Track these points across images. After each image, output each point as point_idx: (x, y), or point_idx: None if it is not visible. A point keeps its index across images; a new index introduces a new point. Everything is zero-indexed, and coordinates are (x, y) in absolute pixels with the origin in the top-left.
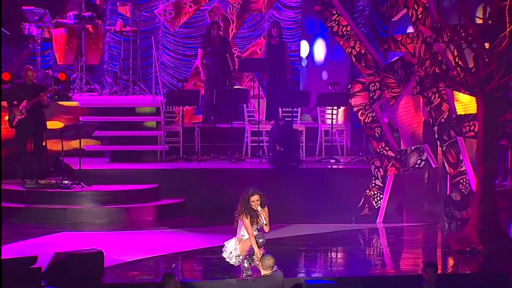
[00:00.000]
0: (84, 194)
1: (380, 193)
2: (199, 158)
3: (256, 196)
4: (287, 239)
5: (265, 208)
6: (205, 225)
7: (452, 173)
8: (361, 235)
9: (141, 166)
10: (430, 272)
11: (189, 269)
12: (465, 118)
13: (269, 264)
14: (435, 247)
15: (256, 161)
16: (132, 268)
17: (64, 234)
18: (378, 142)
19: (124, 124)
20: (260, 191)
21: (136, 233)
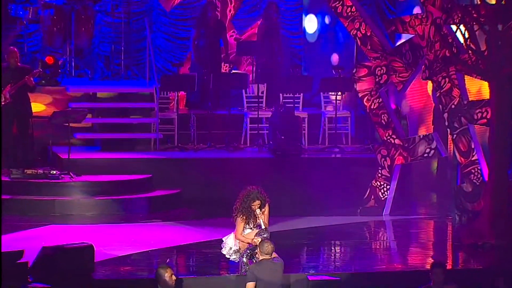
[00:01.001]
0: (73, 185)
1: (387, 183)
2: (195, 147)
3: (257, 202)
4: (288, 233)
5: (265, 209)
6: (201, 217)
7: (463, 162)
8: (367, 228)
9: (134, 155)
10: (437, 273)
11: (184, 264)
12: (477, 104)
13: (268, 251)
14: (445, 241)
15: (256, 150)
16: (124, 263)
17: (52, 227)
18: (384, 129)
19: (115, 111)
20: (261, 194)
21: (128, 226)
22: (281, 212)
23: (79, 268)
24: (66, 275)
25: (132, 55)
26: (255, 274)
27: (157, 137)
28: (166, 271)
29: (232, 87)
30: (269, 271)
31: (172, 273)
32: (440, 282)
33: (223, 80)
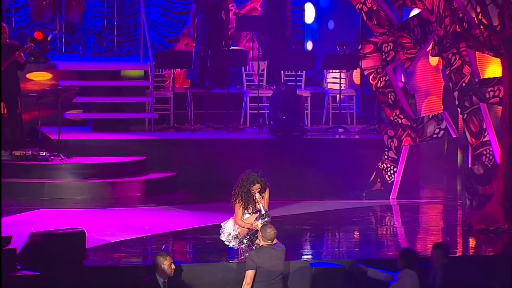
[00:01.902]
0: (63, 167)
1: (394, 166)
2: (192, 127)
3: (257, 185)
4: (290, 218)
5: (265, 194)
6: (198, 201)
7: (474, 143)
8: (373, 213)
9: (127, 136)
10: (437, 255)
11: (181, 251)
12: (489, 82)
13: (271, 236)
14: (455, 226)
15: (256, 130)
16: (118, 250)
17: (42, 211)
18: (391, 109)
19: (108, 89)
20: (261, 177)
21: (122, 211)
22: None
23: (70, 254)
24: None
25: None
26: (255, 261)
27: (152, 117)
28: (165, 259)
29: (231, 64)
30: (270, 258)
31: (171, 262)
32: (439, 265)
33: (221, 57)
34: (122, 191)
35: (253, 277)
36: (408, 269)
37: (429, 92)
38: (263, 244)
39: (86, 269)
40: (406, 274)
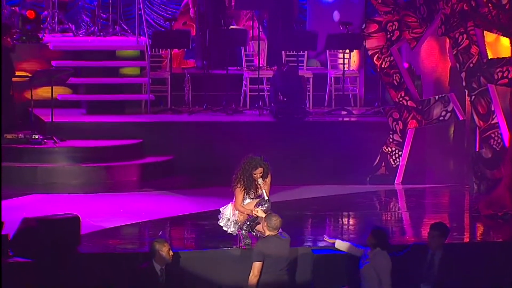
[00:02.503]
0: (57, 150)
1: (399, 149)
2: (189, 110)
3: (259, 169)
4: (291, 203)
5: (267, 179)
6: (196, 186)
7: (482, 126)
8: (377, 197)
9: (123, 118)
10: (433, 236)
11: (179, 237)
12: (498, 63)
13: (276, 225)
14: (462, 212)
15: (256, 112)
16: (113, 236)
17: (34, 196)
18: (396, 90)
19: (103, 70)
20: (264, 161)
21: (117, 196)
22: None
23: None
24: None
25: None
26: (263, 252)
27: (149, 98)
28: (163, 245)
29: (231, 44)
30: (276, 248)
31: (169, 248)
32: (437, 247)
33: (220, 37)
34: (118, 175)
35: (260, 269)
36: (380, 249)
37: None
38: (269, 234)
39: (81, 256)
40: (378, 255)
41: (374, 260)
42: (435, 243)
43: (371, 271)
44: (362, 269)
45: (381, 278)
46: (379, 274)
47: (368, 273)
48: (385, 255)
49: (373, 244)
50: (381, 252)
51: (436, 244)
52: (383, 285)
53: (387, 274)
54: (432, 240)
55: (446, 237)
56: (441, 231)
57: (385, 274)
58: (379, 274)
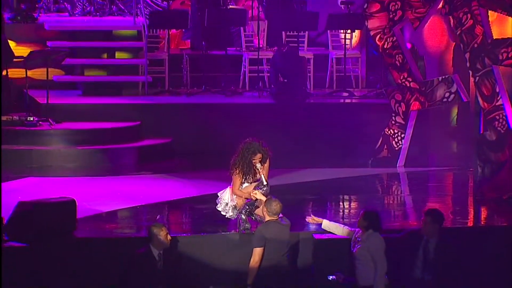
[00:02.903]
0: (52, 132)
1: (402, 132)
2: (188, 91)
3: (258, 155)
4: (292, 187)
5: (266, 164)
6: (195, 169)
7: (486, 108)
8: (379, 181)
9: (120, 100)
10: (426, 222)
11: (177, 222)
12: (502, 43)
13: (276, 210)
14: (466, 195)
15: (255, 94)
16: (110, 220)
17: (30, 179)
18: (399, 72)
19: (99, 51)
20: (262, 146)
21: (114, 179)
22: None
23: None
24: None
25: None
26: (265, 237)
27: (146, 80)
28: (161, 230)
29: (229, 24)
30: (276, 234)
31: (167, 233)
32: (432, 233)
33: (219, 17)
34: (115, 158)
35: (261, 255)
36: (372, 231)
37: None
38: (269, 219)
39: (77, 240)
40: (371, 236)
41: (368, 242)
42: (428, 230)
43: (365, 253)
44: (356, 252)
45: (376, 260)
46: (374, 256)
47: (362, 255)
48: (378, 236)
49: (365, 226)
50: (373, 233)
51: (429, 231)
52: (378, 267)
53: (381, 256)
54: (425, 227)
55: (440, 224)
56: (434, 217)
57: (380, 255)
58: (373, 256)
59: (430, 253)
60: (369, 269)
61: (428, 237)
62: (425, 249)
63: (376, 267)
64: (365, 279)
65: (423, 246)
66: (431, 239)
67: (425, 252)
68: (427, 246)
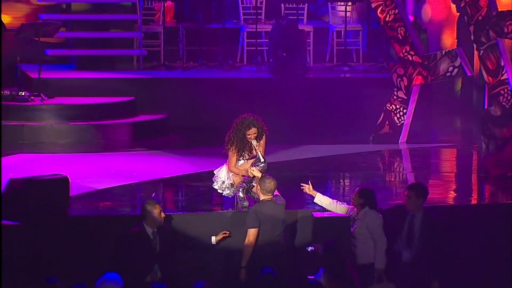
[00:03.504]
0: (45, 108)
1: (404, 107)
2: (184, 65)
3: (253, 129)
4: (290, 163)
5: (262, 141)
6: (191, 146)
7: (491, 82)
8: (380, 158)
9: (114, 74)
10: (409, 196)
11: (172, 199)
12: (508, 16)
13: (270, 188)
14: (470, 172)
15: (254, 68)
16: (104, 198)
17: (21, 156)
18: (401, 45)
19: (93, 24)
20: (258, 121)
21: (108, 156)
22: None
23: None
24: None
25: None
26: (259, 217)
27: (141, 54)
28: (154, 207)
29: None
30: (271, 213)
31: (161, 210)
32: (413, 208)
33: None
34: (109, 134)
35: (256, 235)
36: (369, 208)
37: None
38: (263, 198)
39: (70, 218)
40: (367, 213)
41: (365, 220)
42: (412, 204)
43: (364, 231)
44: (354, 231)
45: (375, 238)
46: (372, 234)
47: (360, 234)
48: (374, 213)
49: (361, 204)
50: (370, 211)
51: (413, 206)
52: (377, 244)
53: (380, 233)
54: (409, 201)
55: (423, 199)
56: (417, 191)
57: (378, 232)
58: (372, 233)
59: (415, 229)
60: (368, 247)
61: (413, 212)
62: (410, 225)
63: (375, 244)
64: (365, 257)
65: (409, 221)
66: (416, 214)
67: (410, 227)
68: (412, 222)
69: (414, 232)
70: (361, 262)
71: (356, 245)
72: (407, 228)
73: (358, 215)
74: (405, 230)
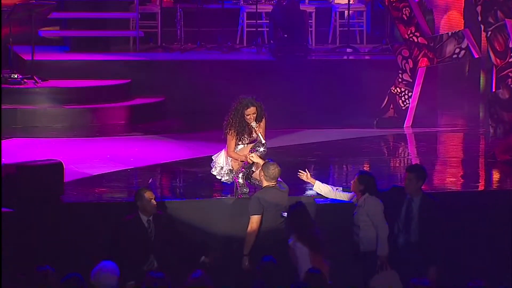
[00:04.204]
0: (38, 91)
1: (409, 90)
2: (181, 47)
3: (251, 108)
4: (292, 148)
5: (262, 122)
6: (189, 130)
7: (499, 64)
8: (385, 142)
9: (110, 56)
10: (407, 178)
11: (170, 186)
12: None
13: (274, 175)
14: (477, 157)
15: (254, 50)
16: (99, 184)
17: (14, 140)
18: (406, 26)
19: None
20: (256, 101)
21: (103, 141)
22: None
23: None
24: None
25: None
26: (262, 204)
27: (137, 35)
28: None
29: None
30: (275, 200)
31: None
32: (412, 191)
33: None
34: (104, 118)
35: (259, 222)
36: (369, 194)
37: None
38: (266, 184)
39: (64, 205)
40: (368, 200)
41: (365, 206)
42: (412, 187)
43: (365, 218)
44: (355, 218)
45: (376, 224)
46: (373, 220)
47: (361, 221)
48: (375, 199)
49: (361, 190)
50: (370, 197)
51: (412, 188)
52: (379, 231)
53: (381, 219)
54: (408, 183)
55: (423, 181)
56: (417, 173)
57: (379, 218)
58: (373, 220)
59: (413, 213)
60: (370, 234)
61: (411, 196)
62: (408, 208)
63: (377, 231)
64: (367, 244)
65: (407, 204)
66: (414, 198)
67: (408, 211)
68: (410, 205)
69: (412, 217)
70: (363, 250)
71: (357, 232)
72: (404, 213)
73: (358, 201)
74: (402, 215)
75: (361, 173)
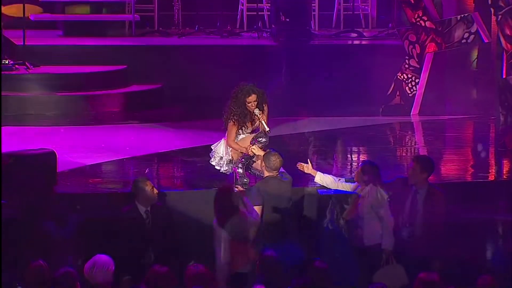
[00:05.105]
0: (30, 77)
1: (416, 76)
2: (179, 32)
3: (253, 96)
4: (294, 137)
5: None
6: (187, 119)
7: (509, 49)
8: (391, 131)
9: (104, 41)
10: (412, 168)
11: (167, 176)
12: None
13: (276, 166)
14: (487, 146)
15: (255, 35)
16: (93, 174)
17: (5, 129)
18: (413, 10)
19: None
20: (257, 88)
21: (98, 129)
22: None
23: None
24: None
25: None
26: (263, 195)
27: (133, 19)
28: (145, 184)
29: None
30: (276, 191)
31: (152, 186)
32: (417, 182)
33: None
34: (99, 105)
35: (261, 213)
36: (373, 185)
37: None
38: (268, 175)
39: (57, 196)
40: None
41: (369, 198)
42: (416, 178)
43: (368, 210)
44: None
45: (380, 216)
46: (377, 212)
47: (365, 212)
48: (379, 191)
49: (365, 181)
50: (374, 188)
51: (416, 179)
52: (383, 223)
53: (386, 210)
54: (412, 174)
55: (428, 173)
56: (422, 164)
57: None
58: (377, 212)
59: (419, 206)
60: (374, 226)
61: (417, 188)
62: (413, 201)
63: (381, 223)
64: (371, 238)
65: (412, 196)
66: (420, 190)
67: (413, 204)
68: (415, 198)
69: (417, 209)
70: (367, 244)
71: (360, 225)
72: (409, 205)
73: (362, 192)
74: (407, 207)
75: (365, 163)
